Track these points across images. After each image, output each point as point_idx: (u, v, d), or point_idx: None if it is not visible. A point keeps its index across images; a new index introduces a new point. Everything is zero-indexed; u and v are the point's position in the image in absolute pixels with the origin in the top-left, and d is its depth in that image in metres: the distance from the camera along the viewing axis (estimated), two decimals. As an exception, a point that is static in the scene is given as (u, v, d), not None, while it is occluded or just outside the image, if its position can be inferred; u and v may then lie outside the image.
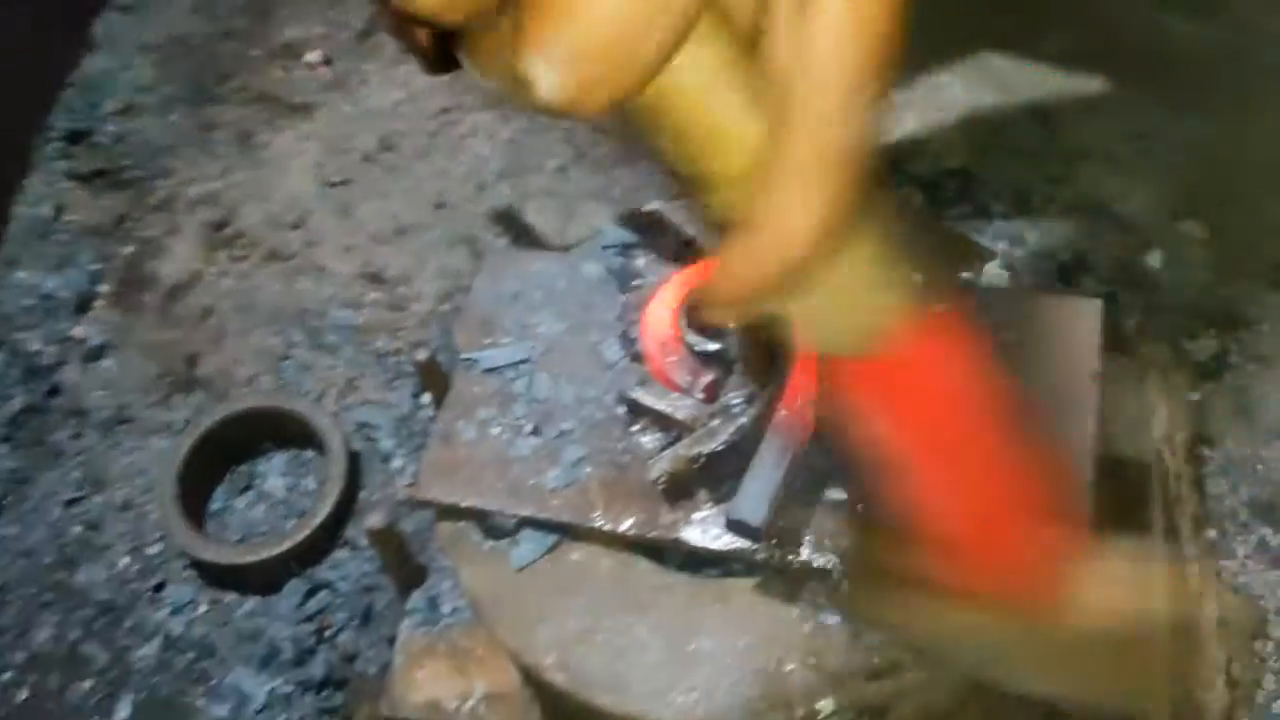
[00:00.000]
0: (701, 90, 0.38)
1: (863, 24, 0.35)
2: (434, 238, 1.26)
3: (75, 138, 1.42)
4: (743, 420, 0.67)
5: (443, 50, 0.63)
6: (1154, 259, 1.10)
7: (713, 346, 0.70)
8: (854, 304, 0.44)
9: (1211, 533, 0.94)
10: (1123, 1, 1.28)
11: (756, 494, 0.63)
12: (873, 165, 0.38)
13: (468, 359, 0.78)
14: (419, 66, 0.62)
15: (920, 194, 1.18)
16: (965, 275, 0.76)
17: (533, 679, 0.70)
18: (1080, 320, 0.72)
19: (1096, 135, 1.19)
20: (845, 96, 0.36)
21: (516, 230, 1.23)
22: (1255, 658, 0.88)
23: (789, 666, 0.64)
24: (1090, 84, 1.23)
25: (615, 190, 1.24)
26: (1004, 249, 1.11)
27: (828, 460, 0.67)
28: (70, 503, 1.15)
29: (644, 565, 0.70)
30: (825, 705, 0.63)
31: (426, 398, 1.14)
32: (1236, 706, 0.85)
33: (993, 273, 0.76)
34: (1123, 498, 0.80)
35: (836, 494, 0.67)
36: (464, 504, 0.72)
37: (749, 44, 0.37)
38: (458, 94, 1.37)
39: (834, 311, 0.44)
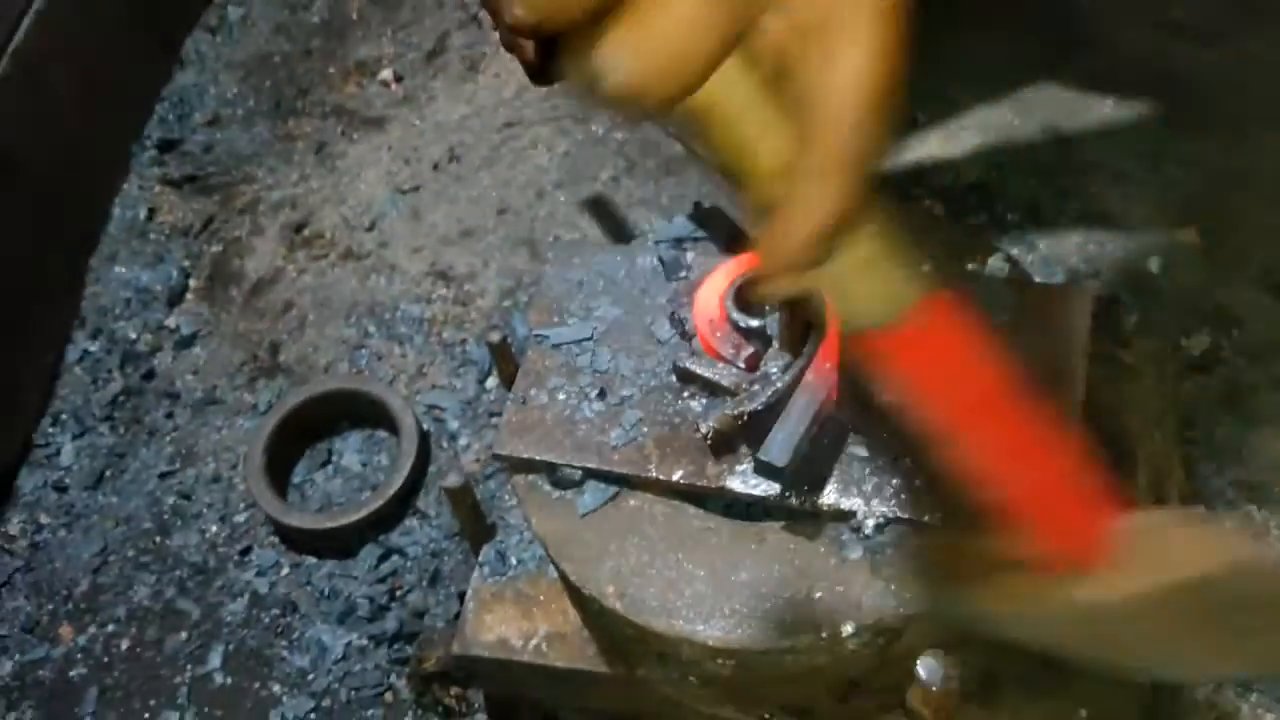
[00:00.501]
0: (737, 107, 0.50)
1: (875, 69, 0.47)
2: (496, 240, 1.38)
3: (167, 146, 1.55)
4: (778, 385, 0.77)
5: (545, 64, 0.78)
6: (1154, 264, 1.19)
7: (754, 323, 0.81)
8: (873, 281, 0.55)
9: (1201, 509, 1.03)
10: (1133, 30, 1.38)
11: (782, 441, 0.74)
12: (879, 169, 0.50)
13: (540, 335, 0.89)
14: (527, 77, 0.77)
15: (942, 205, 1.28)
16: (971, 267, 0.86)
17: (594, 609, 0.80)
18: (1073, 305, 0.82)
19: (1104, 152, 1.29)
20: (859, 119, 0.48)
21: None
22: (1238, 619, 0.98)
23: (817, 594, 0.74)
24: (1100, 105, 1.33)
25: (663, 198, 1.35)
26: (1017, 254, 1.21)
27: (851, 419, 0.77)
28: (164, 475, 1.27)
29: (692, 511, 0.80)
30: (848, 627, 0.73)
31: (491, 383, 1.25)
32: (1219, 660, 0.94)
33: (995, 265, 0.86)
34: (1112, 465, 0.90)
35: (859, 449, 0.77)
36: (537, 458, 0.83)
37: (774, 76, 0.49)
38: (519, 110, 1.49)
39: (857, 288, 0.55)
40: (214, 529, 1.22)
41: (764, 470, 0.75)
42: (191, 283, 1.43)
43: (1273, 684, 0.95)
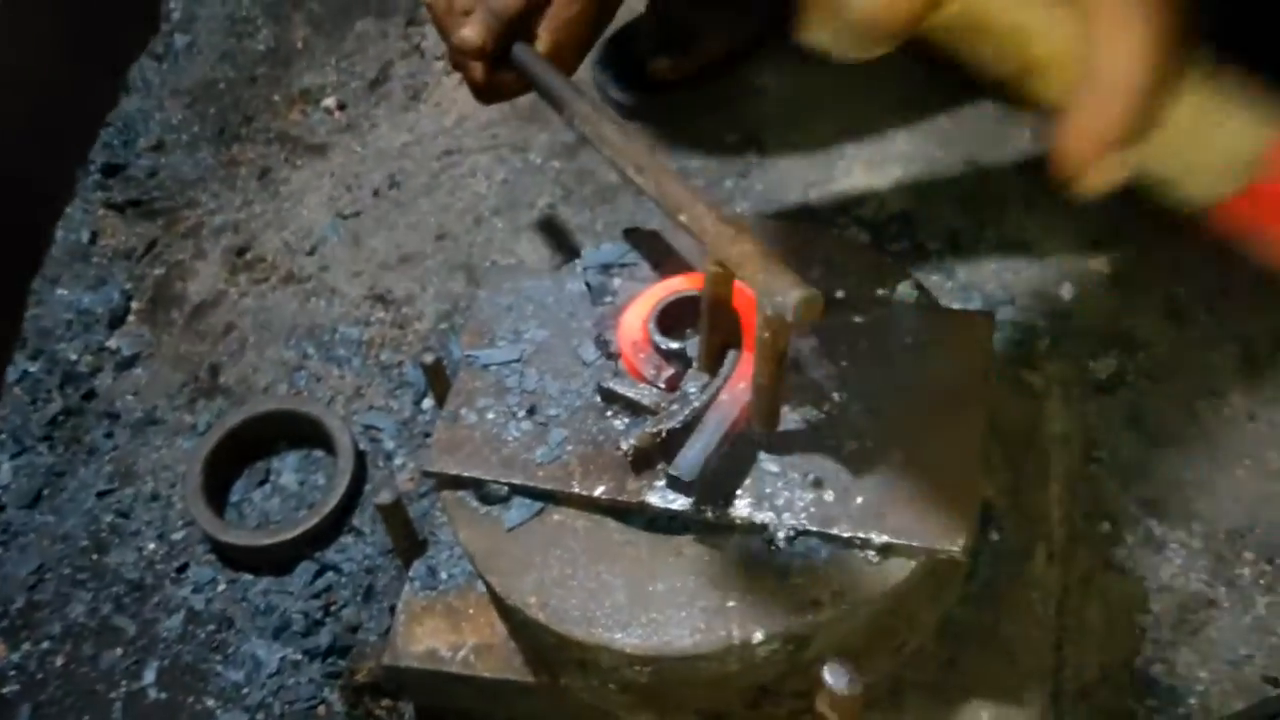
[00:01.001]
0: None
1: None
2: (435, 265, 1.41)
3: (111, 171, 1.57)
4: (696, 404, 0.81)
5: (491, 83, 0.82)
6: (1065, 291, 1.25)
7: (675, 345, 0.85)
8: (1215, 140, 0.48)
9: (1105, 525, 1.08)
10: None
11: (692, 457, 0.78)
12: (1186, 17, 0.42)
13: (471, 356, 0.92)
14: (473, 96, 0.80)
15: (867, 233, 1.33)
16: (881, 292, 0.91)
17: (518, 619, 0.84)
18: (975, 330, 0.87)
19: (1021, 185, 1.35)
20: None
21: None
22: (1136, 628, 1.03)
23: (729, 603, 0.78)
24: (1018, 139, 1.39)
25: (598, 224, 1.39)
26: (936, 280, 1.27)
27: (763, 436, 0.81)
28: (103, 494, 1.28)
29: (613, 525, 0.83)
30: (758, 634, 0.76)
31: (427, 404, 1.28)
32: (1117, 668, 0.99)
33: (903, 291, 0.91)
34: (1019, 481, 0.95)
35: (771, 464, 0.81)
36: (465, 474, 0.86)
37: None
38: (459, 138, 1.53)
39: (1200, 154, 0.49)
40: (152, 547, 1.24)
41: (675, 484, 0.79)
42: (133, 305, 1.44)
43: (1168, 692, 0.99)
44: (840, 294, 0.92)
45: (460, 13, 0.97)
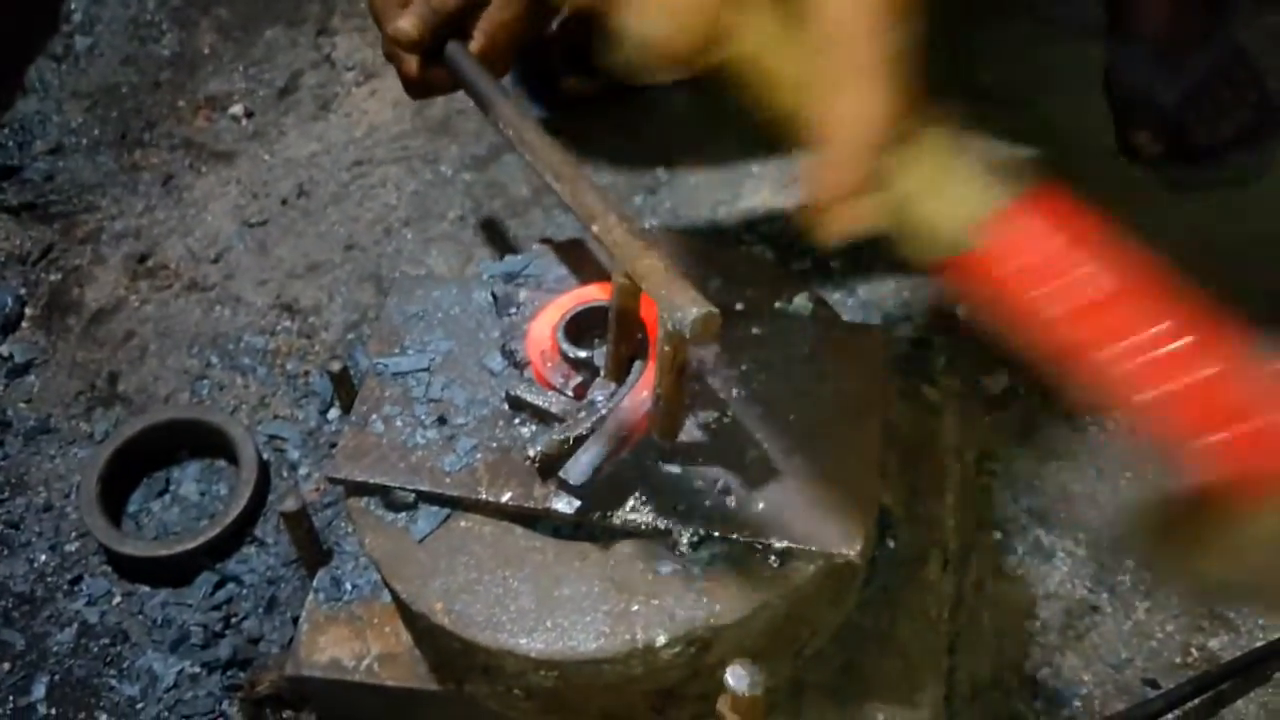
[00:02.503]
0: (769, 50, 0.51)
1: None
2: (343, 274, 1.40)
3: (6, 174, 1.53)
4: (603, 412, 0.83)
5: (425, 77, 0.83)
6: (960, 310, 1.29)
7: (583, 354, 0.87)
8: (945, 198, 0.52)
9: (997, 534, 1.12)
10: (947, 92, 1.49)
11: (584, 462, 0.79)
12: (911, 82, 0.48)
13: (380, 364, 0.92)
14: (404, 90, 0.81)
15: (772, 250, 1.36)
16: (777, 305, 0.94)
17: (424, 626, 0.84)
18: (870, 342, 0.90)
19: (919, 207, 1.39)
20: (872, 24, 0.47)
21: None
22: (1025, 633, 1.07)
23: (633, 607, 0.79)
24: (916, 164, 1.43)
25: (509, 237, 1.40)
26: (839, 298, 1.30)
27: (664, 443, 0.83)
28: (-8, 504, 1.25)
29: (520, 531, 0.84)
30: (661, 638, 0.78)
31: (333, 414, 1.27)
32: (1006, 672, 1.02)
33: (799, 304, 0.94)
34: (914, 489, 0.98)
35: (673, 470, 0.83)
36: (372, 481, 0.86)
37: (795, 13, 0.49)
38: (369, 149, 1.53)
39: (931, 210, 0.52)
40: (43, 558, 1.20)
41: (566, 488, 0.80)
42: (28, 311, 1.41)
43: (1054, 694, 1.03)
44: (739, 306, 0.94)
45: (398, 4, 0.98)
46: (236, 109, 1.60)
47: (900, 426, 1.01)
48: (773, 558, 0.80)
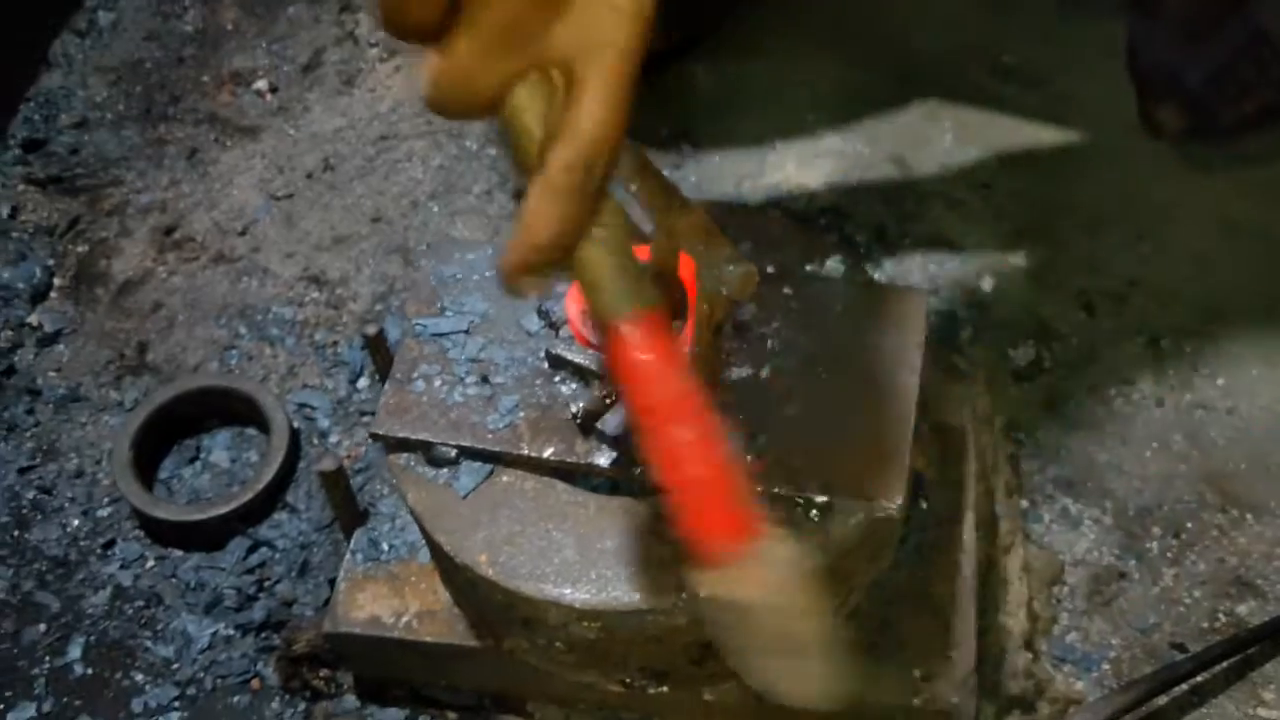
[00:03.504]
0: (523, 124, 0.60)
1: (601, 119, 0.58)
2: (370, 247, 1.41)
3: (32, 146, 1.54)
4: (644, 369, 0.84)
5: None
6: (986, 284, 1.30)
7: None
8: (604, 282, 0.63)
9: (1024, 502, 1.13)
10: (970, 72, 1.50)
11: (622, 414, 0.81)
12: (604, 197, 0.60)
13: (418, 324, 0.93)
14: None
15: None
16: (809, 267, 0.95)
17: (466, 578, 0.85)
18: (909, 304, 0.91)
19: (944, 182, 1.40)
20: (585, 157, 0.57)
21: None
22: (1053, 599, 1.08)
23: (677, 559, 0.80)
24: (940, 139, 1.44)
25: (534, 210, 1.41)
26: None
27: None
28: (24, 470, 1.25)
29: (561, 487, 0.85)
30: (704, 589, 0.79)
31: (363, 383, 1.28)
32: (1036, 635, 1.03)
33: (832, 266, 0.94)
34: (946, 453, 0.99)
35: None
36: (415, 437, 0.87)
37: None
38: (394, 124, 1.53)
39: (595, 284, 0.63)
40: (76, 523, 1.21)
41: (603, 440, 0.81)
42: (56, 281, 1.42)
43: (1082, 657, 1.04)
44: (770, 269, 0.95)
45: None
46: (260, 84, 1.61)
47: (930, 393, 1.02)
48: (813, 511, 0.81)
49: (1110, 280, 1.30)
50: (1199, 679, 1.01)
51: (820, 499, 0.80)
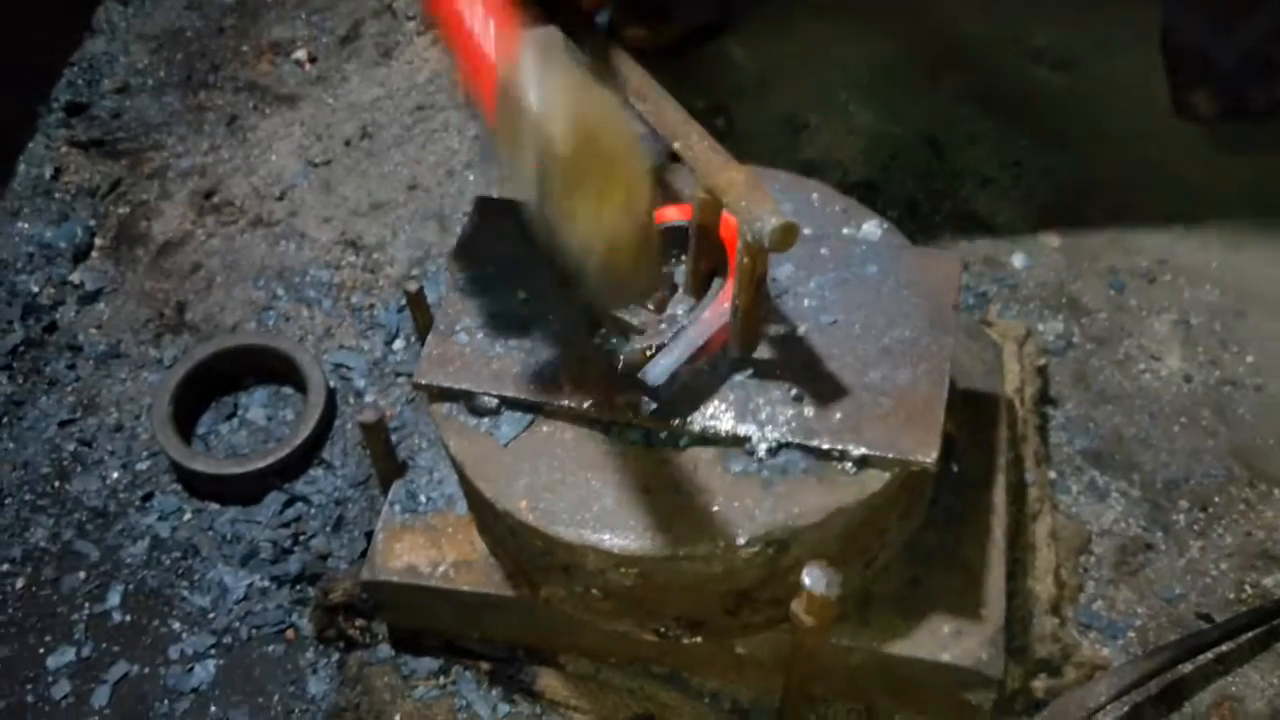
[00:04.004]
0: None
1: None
2: (406, 213, 1.43)
3: (75, 110, 1.56)
4: (683, 324, 0.85)
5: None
6: (1017, 260, 1.31)
7: (663, 269, 0.89)
8: None
9: (1052, 473, 1.14)
10: (1001, 54, 1.51)
11: (663, 365, 0.82)
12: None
13: (461, 278, 0.95)
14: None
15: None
16: (846, 230, 0.96)
17: (506, 525, 0.86)
18: (944, 267, 0.92)
19: (975, 160, 1.41)
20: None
21: None
22: (1080, 567, 1.09)
23: (714, 508, 0.81)
24: (972, 119, 1.45)
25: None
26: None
27: (744, 355, 0.85)
28: (65, 424, 1.28)
29: (600, 437, 0.86)
30: (740, 537, 0.80)
31: (398, 344, 1.30)
32: (1063, 601, 1.04)
33: (869, 229, 0.96)
34: (977, 419, 1.00)
35: (753, 382, 0.85)
36: (458, 386, 0.89)
37: None
38: (431, 95, 1.55)
39: None
40: (115, 475, 1.23)
41: (645, 390, 0.82)
42: (97, 241, 1.44)
43: (1108, 625, 1.05)
44: (808, 230, 0.96)
45: None
46: (299, 54, 1.62)
47: (964, 361, 1.03)
48: (849, 465, 0.82)
49: (1140, 258, 1.31)
50: (1224, 648, 1.02)
51: (857, 452, 0.81)
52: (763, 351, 0.87)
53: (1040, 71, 1.49)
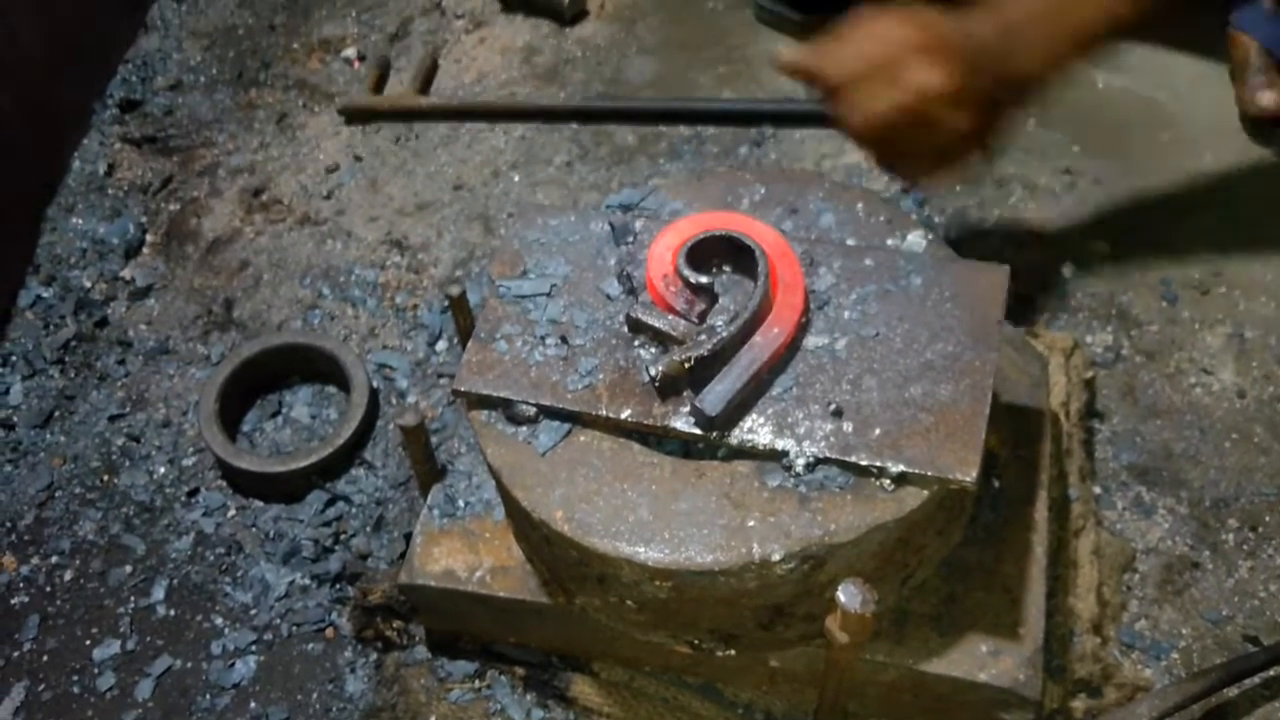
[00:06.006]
0: None
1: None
2: (451, 214, 1.43)
3: (129, 107, 1.58)
4: (723, 335, 0.85)
5: None
6: (1066, 270, 1.29)
7: (704, 279, 0.88)
8: None
9: (1097, 489, 1.13)
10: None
11: (720, 392, 0.81)
12: None
13: (502, 286, 0.95)
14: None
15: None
16: (890, 241, 0.95)
17: (542, 534, 0.86)
18: (989, 280, 0.91)
19: (1025, 167, 1.39)
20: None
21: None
22: (1123, 586, 1.07)
23: (749, 523, 0.81)
24: (1022, 122, 1.43)
25: (614, 183, 1.42)
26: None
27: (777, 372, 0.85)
28: (114, 418, 1.30)
29: (637, 448, 0.86)
30: (776, 553, 0.80)
31: (441, 345, 1.31)
32: (1105, 620, 1.03)
33: (913, 240, 0.95)
34: (1021, 434, 0.99)
35: (792, 395, 0.85)
36: (497, 394, 0.89)
37: None
38: (477, 95, 1.55)
39: None
40: (162, 470, 1.25)
41: (697, 415, 0.82)
42: (148, 238, 1.46)
43: (1151, 645, 1.04)
44: (852, 241, 0.95)
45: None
46: (349, 52, 1.64)
47: (1007, 373, 1.02)
48: (887, 481, 0.81)
49: (1194, 269, 1.28)
50: (1271, 673, 1.00)
51: (895, 470, 0.81)
52: (802, 364, 0.86)
53: (1094, 72, 1.46)
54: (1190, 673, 1.00)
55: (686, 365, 0.85)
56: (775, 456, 0.83)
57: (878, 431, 0.83)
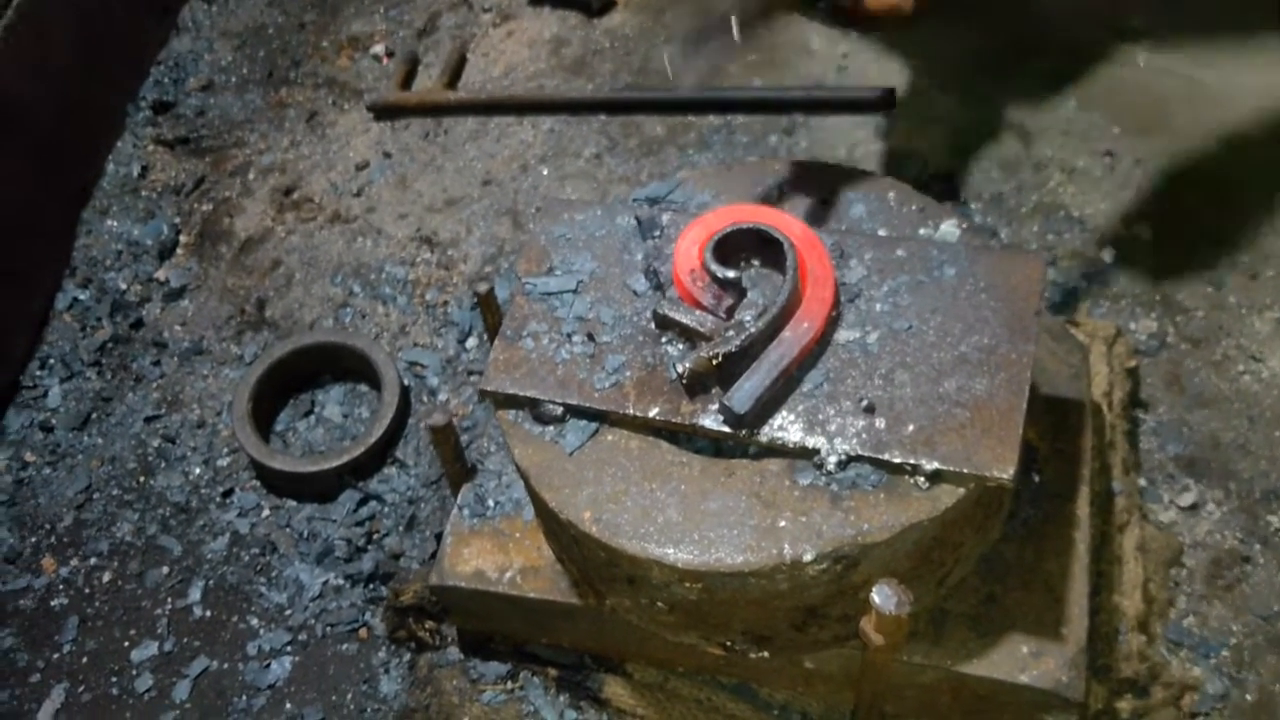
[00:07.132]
0: None
1: None
2: (480, 209, 1.42)
3: (162, 108, 1.59)
4: (752, 330, 0.83)
5: None
6: (1108, 255, 1.26)
7: (731, 274, 0.87)
8: None
9: (1142, 481, 1.10)
10: (1095, 34, 1.45)
11: (749, 389, 0.80)
12: None
13: (528, 283, 0.94)
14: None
15: (910, 193, 1.34)
16: (922, 231, 0.92)
17: (570, 535, 0.85)
18: (1026, 268, 0.88)
19: (1064, 150, 1.36)
20: None
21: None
22: (1170, 581, 1.04)
23: (781, 523, 0.79)
24: (1061, 106, 1.39)
25: (643, 175, 1.41)
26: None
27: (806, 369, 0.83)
28: (150, 419, 1.30)
29: (666, 446, 0.85)
30: (808, 553, 0.78)
31: (471, 342, 1.30)
32: (1151, 617, 1.00)
33: (946, 229, 0.92)
34: (1061, 427, 0.96)
35: (824, 392, 0.83)
36: (523, 394, 0.88)
37: None
38: (506, 88, 1.54)
39: None
40: (197, 471, 1.26)
41: (726, 414, 0.80)
42: (182, 238, 1.46)
43: (1200, 642, 1.01)
44: (883, 232, 0.93)
45: None
46: (378, 49, 1.63)
47: (1047, 364, 0.99)
48: (921, 479, 0.79)
49: (1241, 254, 1.25)
50: (1324, 669, 0.97)
51: (930, 467, 0.79)
52: (833, 359, 0.84)
53: (1137, 53, 1.43)
54: (1240, 671, 0.97)
55: (714, 362, 0.83)
56: (806, 454, 0.81)
57: (911, 428, 0.81)
